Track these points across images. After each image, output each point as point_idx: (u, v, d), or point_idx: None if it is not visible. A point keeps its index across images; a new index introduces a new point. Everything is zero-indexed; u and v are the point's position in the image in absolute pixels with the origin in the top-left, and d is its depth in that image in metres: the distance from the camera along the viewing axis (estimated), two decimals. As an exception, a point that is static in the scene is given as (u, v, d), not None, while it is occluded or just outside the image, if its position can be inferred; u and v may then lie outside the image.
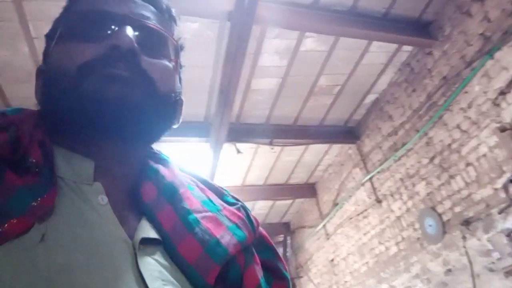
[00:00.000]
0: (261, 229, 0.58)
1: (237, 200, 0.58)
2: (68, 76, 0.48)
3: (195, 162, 4.11)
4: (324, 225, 5.29)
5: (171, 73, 0.55)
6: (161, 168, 0.55)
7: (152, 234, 0.48)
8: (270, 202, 5.57)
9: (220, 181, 4.61)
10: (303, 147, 4.45)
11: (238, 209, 0.55)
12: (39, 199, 0.41)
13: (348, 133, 4.33)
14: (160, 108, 0.51)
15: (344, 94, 3.82)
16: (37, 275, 0.37)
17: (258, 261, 0.53)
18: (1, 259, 0.37)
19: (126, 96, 0.47)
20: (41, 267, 0.38)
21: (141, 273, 0.42)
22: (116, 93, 0.46)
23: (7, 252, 0.37)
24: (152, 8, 0.56)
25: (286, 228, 6.35)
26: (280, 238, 6.43)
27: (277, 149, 4.29)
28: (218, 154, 3.62)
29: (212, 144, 3.52)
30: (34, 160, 0.44)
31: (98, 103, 0.46)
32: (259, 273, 0.51)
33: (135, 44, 0.49)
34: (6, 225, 0.38)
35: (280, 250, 6.42)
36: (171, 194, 0.52)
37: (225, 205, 0.55)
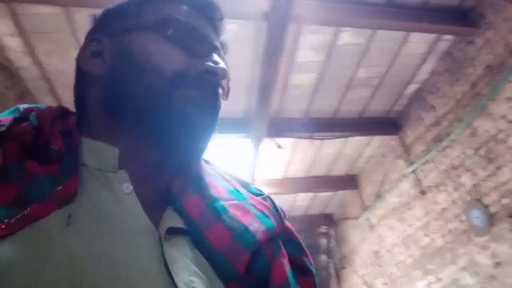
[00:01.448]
0: (287, 223, 0.57)
1: (261, 191, 0.57)
2: (163, 77, 0.48)
3: (236, 157, 4.24)
4: (367, 217, 5.26)
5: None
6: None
7: (178, 223, 0.47)
8: (311, 194, 5.61)
9: (261, 175, 4.72)
10: (343, 139, 4.44)
11: (264, 199, 0.54)
12: (60, 185, 0.40)
13: (389, 125, 4.26)
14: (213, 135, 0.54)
15: (384, 86, 3.77)
16: (57, 263, 0.36)
17: (285, 254, 0.52)
18: (21, 243, 0.36)
19: (206, 124, 0.50)
20: (62, 254, 0.37)
21: (167, 264, 0.41)
22: (200, 121, 0.49)
23: (27, 236, 0.37)
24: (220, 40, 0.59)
25: (329, 219, 6.36)
26: (323, 229, 6.46)
27: (317, 142, 4.32)
28: (258, 149, 3.71)
29: (252, 140, 3.62)
30: (56, 148, 0.44)
31: (181, 121, 0.47)
32: (287, 266, 0.50)
33: (227, 79, 0.53)
34: (28, 209, 0.38)
35: (323, 242, 6.45)
36: (197, 182, 0.51)
37: (251, 195, 0.54)
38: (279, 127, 3.89)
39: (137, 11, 0.55)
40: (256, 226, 0.48)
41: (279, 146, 3.91)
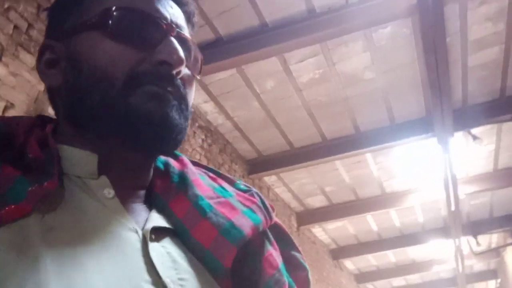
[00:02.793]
0: (276, 218, 0.56)
1: (249, 187, 0.56)
2: (115, 84, 0.45)
3: (425, 160, 3.95)
4: None
5: (194, 88, 0.54)
6: (171, 160, 0.55)
7: (163, 223, 0.47)
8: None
9: (464, 172, 4.23)
10: None
11: (251, 195, 0.54)
12: (37, 185, 0.40)
13: None
14: (188, 123, 0.51)
15: None
16: (35, 263, 0.36)
17: (277, 247, 0.52)
18: None
19: (168, 117, 0.46)
20: (40, 255, 0.36)
21: (154, 263, 0.41)
22: (161, 114, 0.46)
23: (3, 236, 0.37)
24: (183, 14, 0.54)
25: None
26: None
27: (527, 121, 3.64)
28: (448, 146, 3.38)
29: (439, 138, 3.34)
30: (32, 156, 0.43)
31: (144, 122, 0.45)
32: (278, 258, 0.51)
33: (184, 66, 0.48)
34: (4, 210, 0.37)
35: None
36: (182, 182, 0.51)
37: (238, 191, 0.54)
38: (469, 116, 3.47)
39: (79, 5, 0.50)
40: (243, 221, 0.47)
41: (475, 137, 3.47)
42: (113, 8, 0.47)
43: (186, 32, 0.52)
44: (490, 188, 4.48)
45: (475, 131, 3.59)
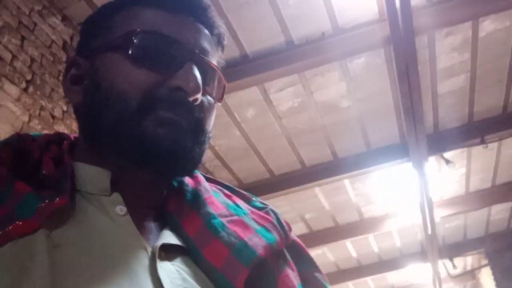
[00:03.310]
0: (295, 237, 0.54)
1: (265, 204, 0.55)
2: (130, 105, 0.45)
3: (401, 185, 4.06)
4: None
5: (214, 114, 0.53)
6: (185, 177, 0.54)
7: (174, 241, 0.46)
8: (509, 204, 4.86)
9: (439, 196, 4.37)
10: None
11: (266, 212, 0.52)
12: (47, 200, 0.39)
13: None
14: (203, 148, 0.51)
15: (558, 60, 3.19)
16: (37, 279, 0.35)
17: (294, 267, 0.51)
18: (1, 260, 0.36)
19: (178, 143, 0.46)
20: (44, 271, 0.36)
21: (161, 282, 0.40)
22: (171, 141, 0.45)
23: (7, 252, 0.36)
24: (209, 36, 0.53)
25: (543, 229, 5.32)
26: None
27: (493, 144, 3.83)
28: (423, 171, 3.50)
29: (414, 163, 3.45)
30: (46, 172, 0.43)
31: (154, 147, 0.45)
32: (295, 278, 0.49)
33: (200, 94, 0.47)
34: (11, 227, 0.37)
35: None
36: (195, 200, 0.50)
37: (253, 209, 0.53)
38: (442, 141, 3.62)
39: (107, 25, 0.51)
40: (256, 241, 0.46)
41: (448, 162, 3.62)
42: (136, 31, 0.47)
43: (211, 56, 0.51)
44: (463, 211, 4.62)
45: (448, 155, 3.74)
